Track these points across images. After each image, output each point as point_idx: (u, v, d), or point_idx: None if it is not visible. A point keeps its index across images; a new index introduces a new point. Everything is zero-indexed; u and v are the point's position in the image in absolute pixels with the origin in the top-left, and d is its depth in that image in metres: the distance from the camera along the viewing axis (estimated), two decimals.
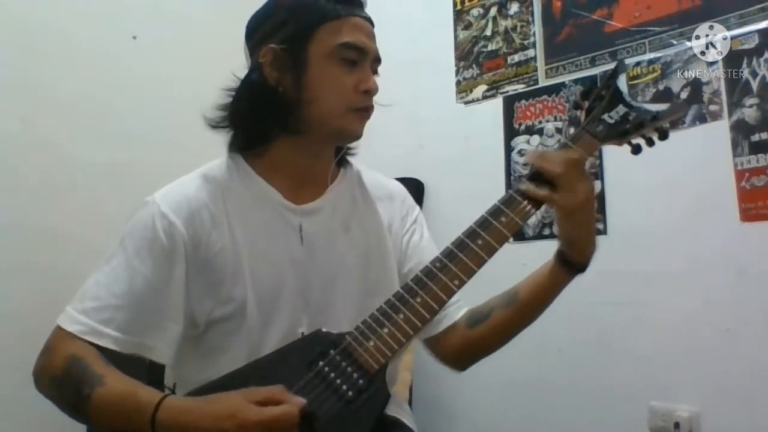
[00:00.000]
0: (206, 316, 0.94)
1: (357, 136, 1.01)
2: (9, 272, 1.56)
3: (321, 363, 0.83)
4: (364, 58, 0.98)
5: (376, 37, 1.01)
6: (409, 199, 1.17)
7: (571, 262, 0.97)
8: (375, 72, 1.01)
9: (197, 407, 0.77)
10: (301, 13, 0.97)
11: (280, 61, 0.97)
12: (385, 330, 0.84)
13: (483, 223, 0.90)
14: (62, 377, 0.84)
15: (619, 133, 0.98)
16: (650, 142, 1.01)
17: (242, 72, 1.02)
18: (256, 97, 0.99)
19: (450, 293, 0.87)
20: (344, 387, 0.81)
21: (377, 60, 1.01)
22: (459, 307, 1.09)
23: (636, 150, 1.01)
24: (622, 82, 1.02)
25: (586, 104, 1.02)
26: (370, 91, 0.98)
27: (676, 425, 1.48)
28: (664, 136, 1.00)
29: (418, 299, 0.86)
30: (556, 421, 1.70)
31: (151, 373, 0.89)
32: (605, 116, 0.99)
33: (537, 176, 0.92)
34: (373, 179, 1.13)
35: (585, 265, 0.97)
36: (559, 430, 1.70)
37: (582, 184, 0.91)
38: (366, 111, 0.99)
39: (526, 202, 0.91)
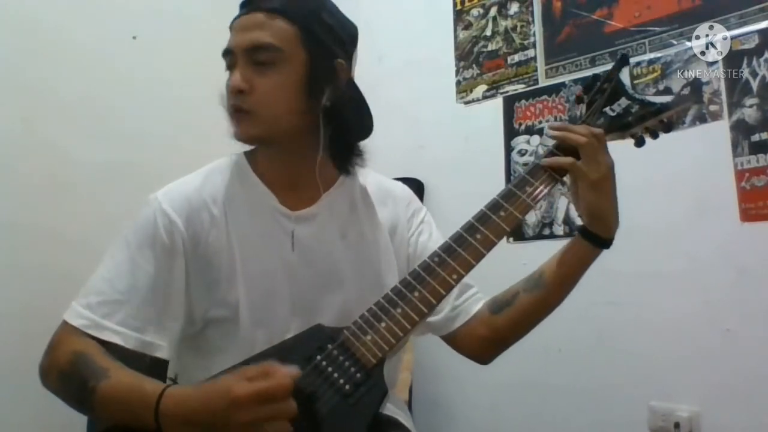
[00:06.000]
0: (202, 314, 0.95)
1: (237, 138, 0.97)
2: (9, 272, 1.56)
3: (319, 357, 0.84)
4: (235, 59, 0.95)
5: (257, 24, 0.94)
6: (416, 201, 1.17)
7: (596, 237, 0.95)
8: (259, 62, 0.93)
9: (194, 393, 0.78)
10: None
11: None
12: (383, 324, 0.85)
13: (481, 217, 0.91)
14: (69, 372, 0.86)
15: (621, 126, 0.98)
16: (654, 135, 1.00)
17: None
18: None
19: (448, 287, 0.87)
20: (341, 381, 0.82)
21: (252, 50, 0.93)
22: (476, 300, 1.08)
23: (639, 142, 1.01)
24: (625, 75, 1.02)
25: (587, 98, 1.02)
26: (231, 90, 0.94)
27: (676, 425, 1.48)
28: (668, 128, 0.99)
29: (416, 293, 0.86)
30: (556, 421, 1.69)
31: (154, 369, 0.89)
32: (607, 109, 0.99)
33: (558, 150, 0.94)
34: (377, 183, 1.12)
35: (610, 239, 0.96)
36: (559, 430, 1.70)
37: (604, 156, 0.92)
38: (233, 111, 0.95)
39: (527, 193, 0.91)
